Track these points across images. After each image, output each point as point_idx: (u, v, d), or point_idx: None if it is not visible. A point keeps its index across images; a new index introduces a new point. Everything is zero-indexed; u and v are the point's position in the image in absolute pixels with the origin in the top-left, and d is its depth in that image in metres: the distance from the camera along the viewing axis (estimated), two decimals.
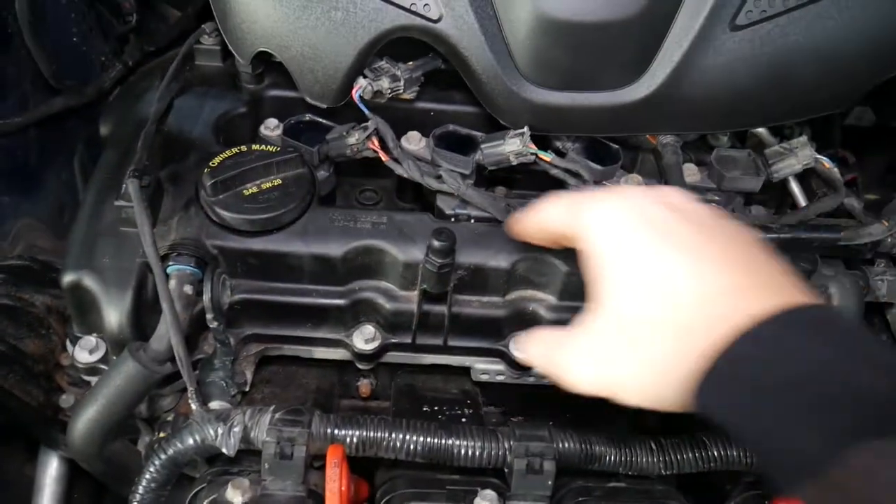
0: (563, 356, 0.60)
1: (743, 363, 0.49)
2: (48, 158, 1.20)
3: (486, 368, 0.94)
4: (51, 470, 1.06)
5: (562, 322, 0.90)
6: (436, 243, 0.79)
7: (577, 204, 0.64)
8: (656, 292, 0.54)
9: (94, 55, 1.22)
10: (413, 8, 0.88)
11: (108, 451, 0.81)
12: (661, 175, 0.97)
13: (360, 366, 0.92)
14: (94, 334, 0.85)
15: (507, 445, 0.77)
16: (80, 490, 1.10)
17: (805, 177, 1.00)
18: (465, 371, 0.96)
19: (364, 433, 0.76)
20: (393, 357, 0.93)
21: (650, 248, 0.55)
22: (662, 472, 0.81)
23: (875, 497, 0.41)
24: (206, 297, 0.79)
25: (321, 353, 0.93)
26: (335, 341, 0.91)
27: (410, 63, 0.97)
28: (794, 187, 0.99)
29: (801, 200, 0.98)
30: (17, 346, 0.88)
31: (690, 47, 0.88)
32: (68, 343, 0.88)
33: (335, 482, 0.69)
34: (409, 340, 0.91)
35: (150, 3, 1.36)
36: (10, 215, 1.13)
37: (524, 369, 0.92)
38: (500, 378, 0.95)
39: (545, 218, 0.69)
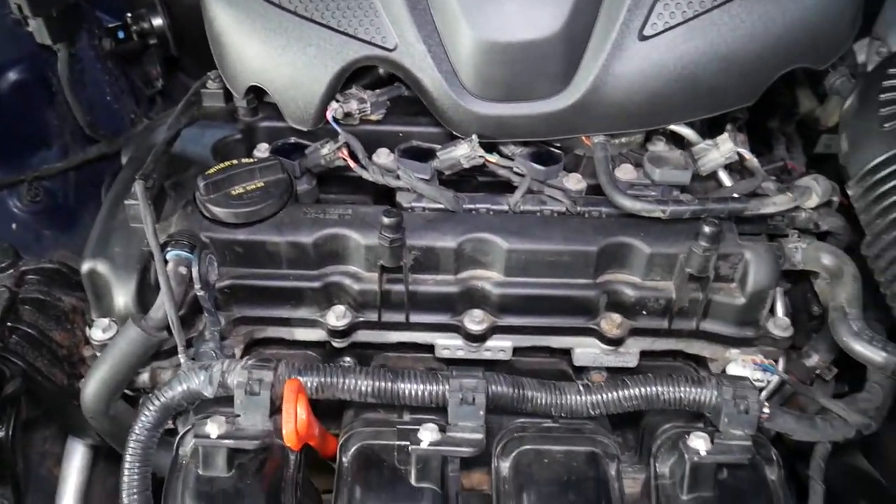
0: None
1: None
2: (84, 200, 1.41)
3: (446, 344, 1.06)
4: (75, 461, 1.20)
5: (507, 298, 1.03)
6: (385, 220, 0.94)
7: None
8: None
9: (125, 112, 1.45)
10: (373, 40, 1.06)
11: (114, 410, 0.95)
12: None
13: (335, 344, 1.05)
14: (108, 318, 1.01)
15: (445, 386, 0.88)
16: (100, 483, 1.23)
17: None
18: None
19: (322, 378, 0.89)
20: (363, 336, 1.06)
21: None
22: (591, 412, 0.91)
23: None
24: (195, 270, 0.94)
25: (301, 333, 1.06)
26: (312, 321, 1.05)
27: (377, 90, 1.15)
28: (723, 176, 1.11)
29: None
30: (46, 333, 1.04)
31: (607, 58, 1.03)
32: (88, 332, 1.04)
33: (291, 403, 0.82)
34: (375, 318, 1.04)
35: (173, 78, 1.60)
36: (51, 246, 1.33)
37: (480, 341, 1.04)
38: (461, 353, 1.06)
39: None
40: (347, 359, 1.10)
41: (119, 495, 0.87)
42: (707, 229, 0.94)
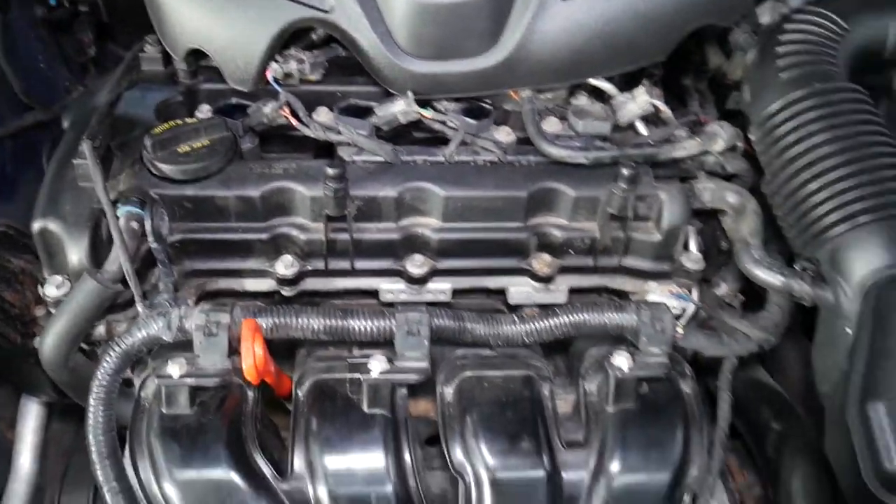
0: None
1: None
2: (21, 168, 1.41)
3: (390, 288, 1.13)
4: (30, 420, 1.23)
5: (446, 242, 1.10)
6: (329, 171, 1.00)
7: None
8: None
9: (59, 79, 1.45)
10: (309, 2, 1.11)
11: (72, 362, 0.99)
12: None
13: (284, 292, 1.11)
14: (61, 276, 1.04)
15: (392, 320, 0.96)
16: (55, 442, 1.26)
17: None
18: None
19: (277, 319, 0.95)
20: (311, 284, 1.12)
21: None
22: (525, 340, 1.00)
23: None
24: (147, 224, 0.98)
25: (251, 284, 1.12)
26: (261, 272, 1.10)
27: (315, 51, 1.20)
28: (640, 126, 1.20)
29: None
30: None
31: (532, 17, 1.11)
32: (40, 289, 1.07)
33: (248, 341, 0.88)
34: (322, 266, 1.10)
35: (105, 46, 1.60)
36: None
37: (421, 284, 1.11)
38: (403, 297, 1.13)
39: None
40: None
41: (85, 437, 0.91)
42: (625, 171, 1.04)
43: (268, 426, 1.01)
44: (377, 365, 0.93)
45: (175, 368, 0.91)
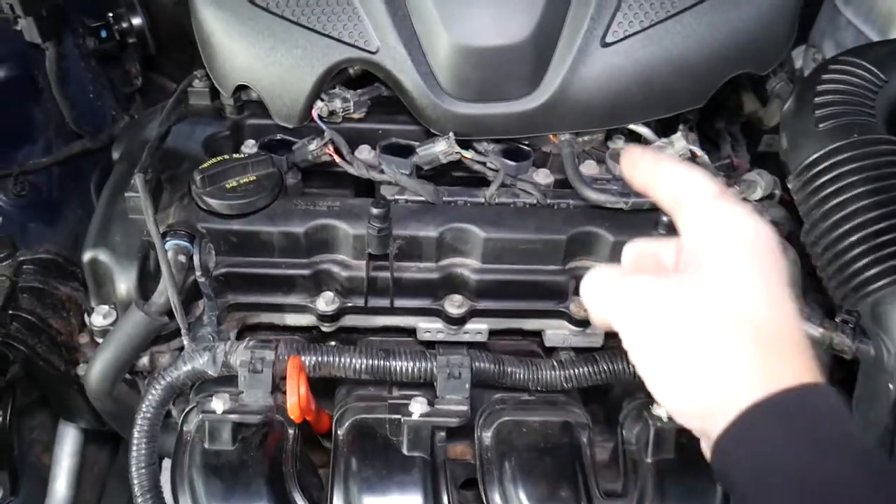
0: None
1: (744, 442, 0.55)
2: (67, 194, 1.45)
3: (428, 327, 1.14)
4: (67, 446, 1.24)
5: (485, 283, 1.11)
6: (374, 210, 1.01)
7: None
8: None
9: (107, 109, 1.48)
10: (356, 43, 1.14)
11: (117, 391, 1.00)
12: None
13: (323, 328, 1.12)
14: (108, 305, 1.06)
15: (433, 362, 0.96)
16: (88, 468, 1.28)
17: None
18: None
19: (319, 357, 0.96)
20: (350, 320, 1.13)
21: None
22: (564, 385, 1.00)
23: None
24: (196, 258, 1.00)
25: (292, 319, 1.13)
26: (302, 307, 1.11)
27: (359, 90, 1.22)
28: None
29: None
30: (45, 320, 1.09)
31: (573, 62, 1.13)
32: (86, 317, 1.09)
33: (293, 378, 0.89)
34: (362, 303, 1.11)
35: (150, 77, 1.64)
36: (36, 239, 1.36)
37: (459, 324, 1.12)
38: (441, 336, 1.14)
39: None
40: (332, 343, 1.17)
41: (128, 469, 0.92)
42: (665, 218, 1.05)
43: (306, 464, 1.02)
44: (418, 407, 0.94)
45: (219, 404, 0.92)
